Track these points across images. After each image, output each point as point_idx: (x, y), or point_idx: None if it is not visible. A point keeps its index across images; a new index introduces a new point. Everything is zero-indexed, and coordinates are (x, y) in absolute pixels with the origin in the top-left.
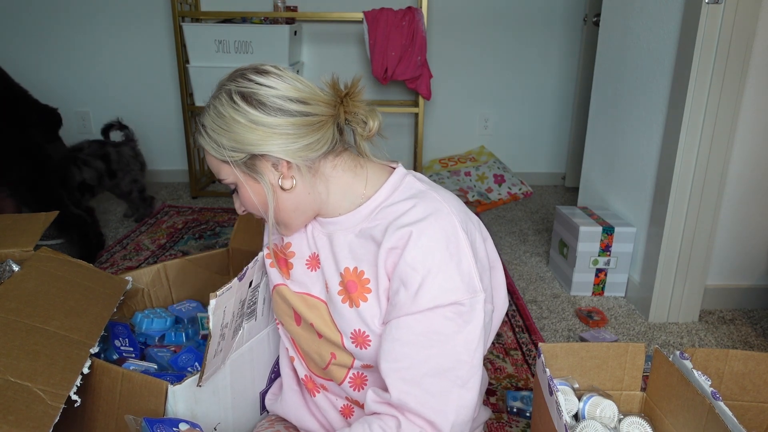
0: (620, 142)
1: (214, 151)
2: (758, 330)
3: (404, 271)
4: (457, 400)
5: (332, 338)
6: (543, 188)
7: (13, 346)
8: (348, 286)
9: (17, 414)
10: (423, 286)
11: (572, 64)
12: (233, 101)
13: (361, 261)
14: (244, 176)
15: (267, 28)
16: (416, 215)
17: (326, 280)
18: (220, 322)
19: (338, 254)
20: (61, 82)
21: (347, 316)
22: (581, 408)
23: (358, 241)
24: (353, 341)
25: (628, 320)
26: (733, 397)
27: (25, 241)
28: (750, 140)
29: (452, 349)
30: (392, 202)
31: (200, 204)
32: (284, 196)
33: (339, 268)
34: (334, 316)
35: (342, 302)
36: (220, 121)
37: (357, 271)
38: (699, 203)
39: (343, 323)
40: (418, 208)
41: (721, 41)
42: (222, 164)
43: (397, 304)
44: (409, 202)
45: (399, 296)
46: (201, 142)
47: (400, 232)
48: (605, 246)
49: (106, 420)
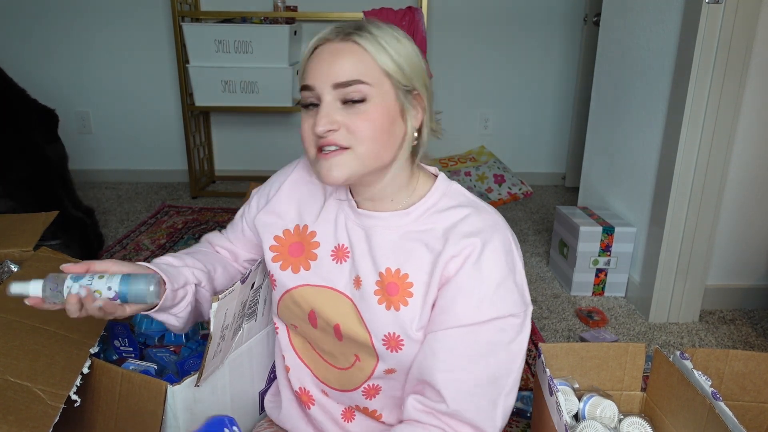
0: (620, 142)
1: (391, 63)
2: (758, 330)
3: (466, 282)
4: (503, 406)
5: (359, 338)
6: (543, 188)
7: (13, 346)
8: (388, 287)
9: (17, 414)
10: (485, 298)
11: (572, 64)
12: (410, 40)
13: (406, 264)
14: (394, 100)
15: (267, 28)
16: (478, 225)
17: (358, 276)
18: (221, 324)
19: (378, 252)
20: (61, 82)
21: (382, 318)
22: (581, 408)
23: (404, 243)
24: (385, 344)
25: (629, 320)
26: (734, 397)
27: (25, 241)
28: (750, 140)
29: (505, 359)
30: (442, 207)
31: (200, 204)
32: (396, 141)
33: (378, 266)
34: (364, 315)
35: (378, 303)
36: (401, 47)
37: (400, 273)
38: (699, 203)
39: (376, 324)
40: (477, 219)
41: (722, 41)
42: (384, 78)
43: (456, 314)
44: (463, 209)
45: (457, 306)
46: (373, 48)
47: (465, 241)
48: (605, 246)
49: (106, 420)
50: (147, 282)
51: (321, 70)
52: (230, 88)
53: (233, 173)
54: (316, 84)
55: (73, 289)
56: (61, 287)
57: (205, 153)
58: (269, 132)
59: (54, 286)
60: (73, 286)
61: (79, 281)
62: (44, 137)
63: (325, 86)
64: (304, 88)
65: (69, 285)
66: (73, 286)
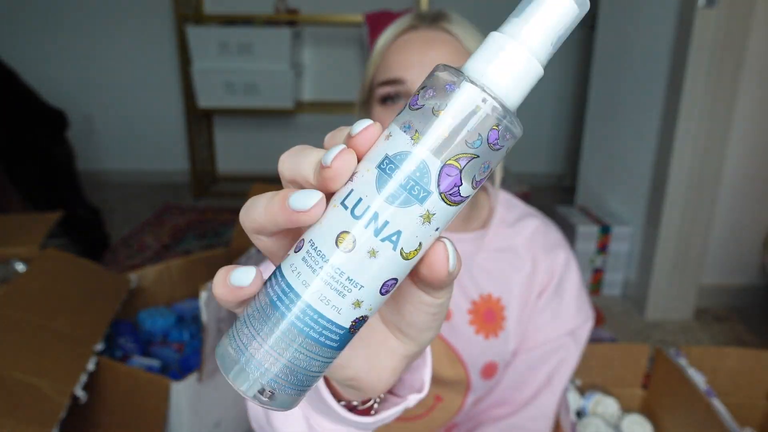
0: (617, 142)
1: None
2: (752, 328)
3: (556, 296)
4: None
5: (452, 375)
6: (541, 188)
7: (20, 344)
8: (485, 315)
9: (24, 410)
10: (571, 306)
11: (570, 66)
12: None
13: (497, 288)
14: None
15: (269, 31)
16: (552, 236)
17: None
18: (215, 316)
19: (464, 279)
20: (65, 84)
21: (482, 347)
22: (583, 406)
23: (489, 265)
24: (482, 374)
25: (625, 318)
26: (728, 393)
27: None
28: (744, 140)
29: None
30: (511, 221)
31: (203, 204)
32: None
33: (469, 294)
34: (459, 348)
35: (475, 333)
36: (479, 37)
37: (492, 298)
38: (694, 202)
39: (473, 356)
40: (548, 228)
41: (716, 44)
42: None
43: (552, 327)
44: (531, 220)
45: (552, 320)
46: (463, 36)
47: (552, 255)
48: (602, 245)
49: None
50: None
51: (413, 60)
52: (232, 90)
53: (235, 174)
54: (408, 76)
55: None
56: None
57: (208, 154)
58: (271, 133)
59: None
60: None
61: None
62: (52, 138)
63: (419, 80)
64: (387, 83)
65: None
66: None
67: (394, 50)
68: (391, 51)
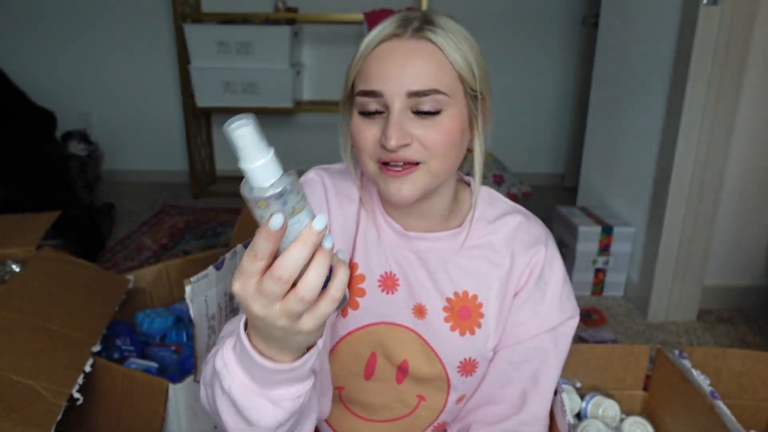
0: (619, 142)
1: (464, 64)
2: (755, 329)
3: (537, 292)
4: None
5: (429, 372)
6: (542, 188)
7: (17, 345)
8: (460, 312)
9: (20, 412)
10: (554, 303)
11: (571, 65)
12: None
13: (474, 285)
14: (465, 108)
15: (268, 29)
16: (534, 232)
17: (419, 305)
18: (204, 312)
19: (440, 276)
20: (63, 83)
21: (457, 344)
22: (583, 407)
23: (465, 263)
24: (459, 370)
25: (627, 320)
26: (731, 395)
27: (28, 241)
28: (747, 140)
29: (565, 356)
30: (492, 217)
31: (201, 204)
32: (463, 152)
33: (444, 291)
34: (435, 345)
35: (450, 330)
36: (471, 45)
37: (468, 295)
38: (697, 203)
39: (450, 353)
40: (531, 224)
41: (719, 43)
42: (458, 84)
43: (533, 324)
44: (513, 216)
45: (533, 316)
46: (449, 47)
47: (532, 251)
48: (604, 246)
49: (108, 418)
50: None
51: (392, 73)
52: (231, 89)
53: (234, 173)
54: (386, 90)
55: None
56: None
57: (207, 153)
58: (270, 132)
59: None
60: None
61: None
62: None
63: (397, 94)
64: (365, 94)
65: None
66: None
67: (374, 59)
68: (371, 59)
